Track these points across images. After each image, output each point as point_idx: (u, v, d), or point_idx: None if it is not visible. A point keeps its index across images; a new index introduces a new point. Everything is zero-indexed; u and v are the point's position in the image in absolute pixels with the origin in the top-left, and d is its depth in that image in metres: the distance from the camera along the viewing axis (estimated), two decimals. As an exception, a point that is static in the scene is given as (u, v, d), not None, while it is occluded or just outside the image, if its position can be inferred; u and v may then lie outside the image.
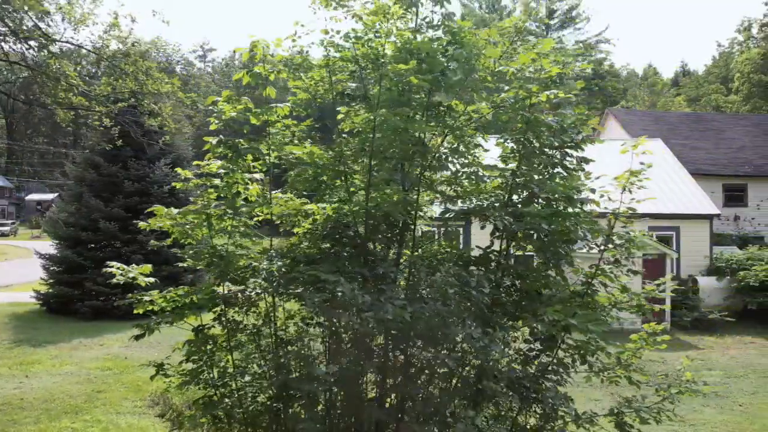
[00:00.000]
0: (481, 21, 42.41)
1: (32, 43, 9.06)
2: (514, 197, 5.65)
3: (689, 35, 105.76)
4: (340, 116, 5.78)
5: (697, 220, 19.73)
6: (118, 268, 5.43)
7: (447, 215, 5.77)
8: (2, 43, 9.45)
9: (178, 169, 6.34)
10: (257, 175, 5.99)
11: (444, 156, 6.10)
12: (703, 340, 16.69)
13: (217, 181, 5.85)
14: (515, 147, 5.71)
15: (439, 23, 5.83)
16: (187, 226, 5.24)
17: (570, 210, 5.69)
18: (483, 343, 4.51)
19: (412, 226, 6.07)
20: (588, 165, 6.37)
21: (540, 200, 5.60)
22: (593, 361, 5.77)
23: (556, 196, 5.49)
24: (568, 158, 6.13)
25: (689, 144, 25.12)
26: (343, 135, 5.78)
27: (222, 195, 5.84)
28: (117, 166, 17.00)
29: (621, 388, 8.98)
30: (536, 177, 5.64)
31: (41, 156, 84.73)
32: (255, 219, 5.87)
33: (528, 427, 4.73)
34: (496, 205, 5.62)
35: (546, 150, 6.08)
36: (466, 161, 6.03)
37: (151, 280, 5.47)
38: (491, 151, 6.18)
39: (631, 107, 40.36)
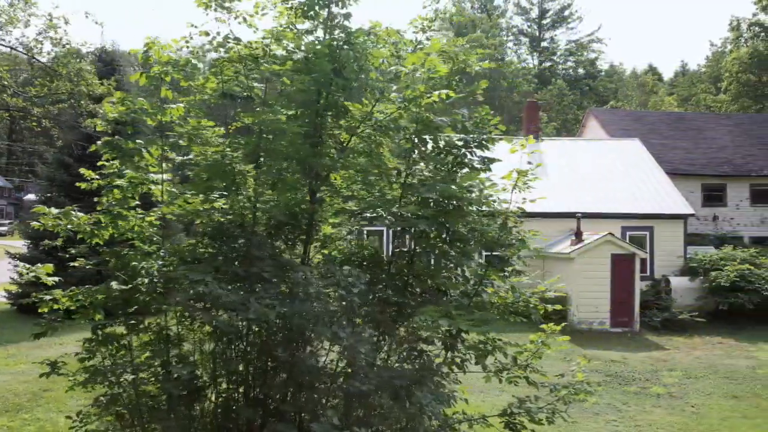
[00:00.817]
0: (470, 21, 42.46)
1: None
2: (406, 198, 5.64)
3: (690, 35, 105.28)
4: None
5: (671, 220, 19.66)
6: (24, 267, 5.53)
7: (340, 216, 5.79)
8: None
9: (82, 169, 6.37)
10: (165, 175, 6.02)
11: (348, 157, 6.12)
12: (672, 341, 16.62)
13: (120, 182, 5.88)
14: (408, 147, 5.72)
15: (336, 24, 5.83)
16: (71, 227, 5.28)
17: (469, 209, 5.68)
18: (348, 342, 4.53)
19: (317, 227, 6.09)
20: (494, 164, 6.37)
21: (433, 200, 5.59)
22: (490, 362, 5.78)
23: (447, 196, 5.46)
24: (475, 157, 6.14)
25: (669, 144, 25.01)
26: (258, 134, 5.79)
27: (128, 195, 5.87)
28: (86, 166, 16.96)
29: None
30: (430, 177, 5.64)
31: (40, 156, 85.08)
32: (153, 218, 5.88)
33: (399, 426, 4.73)
34: (388, 205, 5.62)
35: (453, 150, 6.10)
36: (375, 162, 6.03)
37: (56, 279, 5.52)
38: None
39: (621, 107, 40.20)
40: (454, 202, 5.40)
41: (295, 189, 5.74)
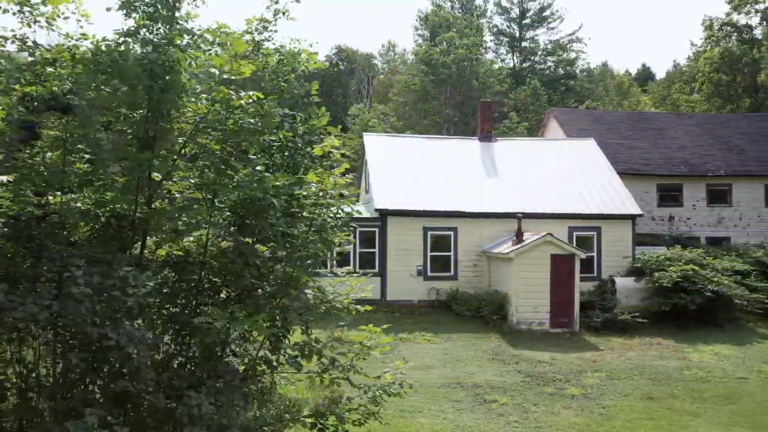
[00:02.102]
0: (444, 21, 42.40)
1: None
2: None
3: (684, 35, 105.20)
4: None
5: (619, 221, 19.63)
6: None
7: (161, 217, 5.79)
8: None
9: None
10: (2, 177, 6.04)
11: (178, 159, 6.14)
12: (609, 341, 16.56)
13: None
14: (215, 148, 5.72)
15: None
16: None
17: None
18: (121, 343, 4.54)
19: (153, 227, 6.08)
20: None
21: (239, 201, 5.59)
22: (312, 364, 5.78)
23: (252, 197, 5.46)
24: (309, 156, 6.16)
25: (627, 144, 24.95)
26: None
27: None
28: None
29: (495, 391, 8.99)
30: (242, 178, 5.63)
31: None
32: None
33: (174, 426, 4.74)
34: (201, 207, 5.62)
35: (285, 150, 6.12)
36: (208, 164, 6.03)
37: None
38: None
39: (597, 107, 40.20)
40: (257, 203, 5.39)
41: (124, 191, 5.75)
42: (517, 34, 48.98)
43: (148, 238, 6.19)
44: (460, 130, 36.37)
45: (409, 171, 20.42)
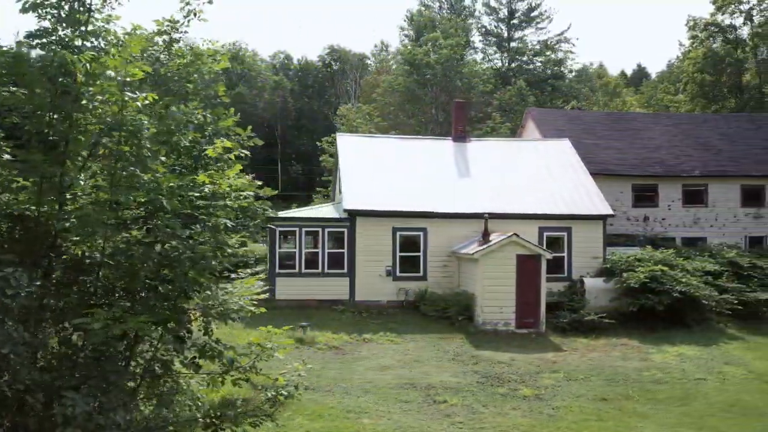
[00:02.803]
0: (430, 21, 42.40)
1: None
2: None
3: (678, 35, 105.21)
4: None
5: (589, 221, 19.62)
6: None
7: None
8: None
9: None
10: None
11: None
12: (574, 342, 16.54)
13: None
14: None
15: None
16: None
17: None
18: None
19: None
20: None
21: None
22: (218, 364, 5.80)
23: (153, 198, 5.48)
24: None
25: (603, 144, 24.95)
26: None
27: None
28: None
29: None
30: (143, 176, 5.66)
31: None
32: None
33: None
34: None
35: (193, 150, 6.17)
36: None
37: None
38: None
39: (583, 107, 40.20)
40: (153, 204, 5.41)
41: (29, 193, 5.78)
42: (506, 35, 49.04)
43: (60, 239, 6.22)
44: (445, 130, 36.38)
45: (381, 171, 20.44)
